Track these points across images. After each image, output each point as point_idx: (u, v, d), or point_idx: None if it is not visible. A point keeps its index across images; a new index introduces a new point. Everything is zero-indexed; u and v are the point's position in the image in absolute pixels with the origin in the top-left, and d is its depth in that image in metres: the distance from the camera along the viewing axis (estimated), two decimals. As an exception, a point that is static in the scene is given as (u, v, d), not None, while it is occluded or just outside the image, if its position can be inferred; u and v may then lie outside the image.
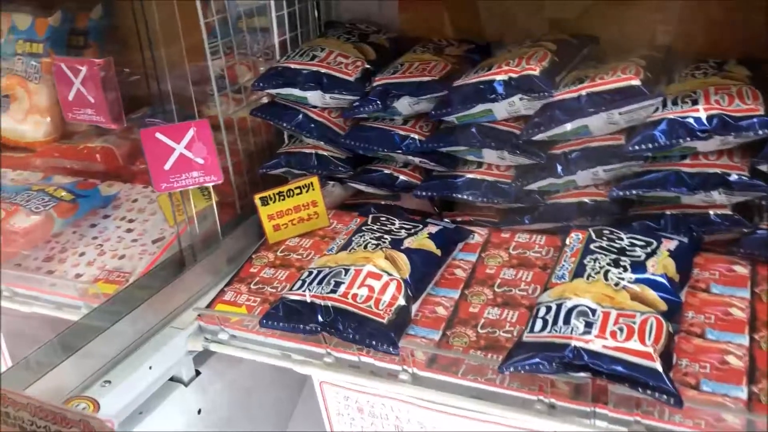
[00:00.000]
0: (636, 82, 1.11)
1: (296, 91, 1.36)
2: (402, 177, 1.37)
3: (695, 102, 1.09)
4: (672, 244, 1.06)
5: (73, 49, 1.72)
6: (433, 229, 1.21)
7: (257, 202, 1.32)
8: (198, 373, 1.25)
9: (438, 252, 1.17)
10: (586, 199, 1.22)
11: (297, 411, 1.55)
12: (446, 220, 1.31)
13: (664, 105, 1.11)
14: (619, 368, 0.87)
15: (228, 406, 1.33)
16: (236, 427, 1.35)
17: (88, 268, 1.38)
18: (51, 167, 1.69)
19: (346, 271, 1.10)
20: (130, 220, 1.51)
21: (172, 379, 1.20)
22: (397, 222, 1.24)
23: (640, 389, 0.86)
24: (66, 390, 1.06)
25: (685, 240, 1.09)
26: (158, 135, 1.09)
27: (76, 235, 1.48)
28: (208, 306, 1.23)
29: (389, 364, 1.06)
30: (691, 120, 1.07)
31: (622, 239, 1.08)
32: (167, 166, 1.13)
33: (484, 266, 1.20)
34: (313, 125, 1.38)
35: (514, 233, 1.26)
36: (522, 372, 0.93)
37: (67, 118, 1.24)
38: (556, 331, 0.93)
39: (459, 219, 1.34)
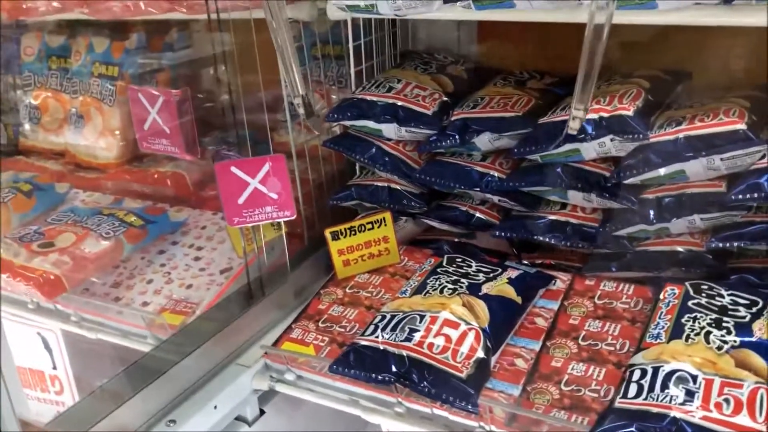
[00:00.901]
0: (741, 126, 1.03)
1: (371, 124, 1.32)
2: (478, 215, 1.31)
3: (808, 149, 1.00)
4: (780, 304, 0.97)
5: (147, 72, 1.72)
6: (513, 273, 1.15)
7: (328, 236, 1.29)
8: (262, 412, 1.21)
9: (518, 299, 1.11)
10: (679, 248, 1.13)
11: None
12: (525, 262, 1.24)
13: (772, 151, 1.02)
14: (727, 446, 0.79)
15: (290, 448, 1.29)
16: (298, 469, 1.31)
17: (155, 297, 1.37)
18: (121, 190, 1.69)
19: (422, 317, 1.04)
20: (198, 248, 1.49)
21: (236, 418, 1.17)
22: (473, 264, 1.18)
23: (750, 472, 0.78)
24: (131, 429, 1.03)
25: (794, 300, 0.99)
26: (233, 169, 1.07)
27: (144, 261, 1.47)
28: (275, 343, 1.19)
29: (465, 419, 1.00)
30: (803, 169, 0.99)
31: (722, 296, 1.00)
32: (241, 201, 1.10)
33: (567, 316, 1.13)
34: (386, 158, 1.34)
35: (600, 281, 1.18)
36: (614, 442, 0.86)
37: (142, 147, 1.23)
38: (652, 398, 0.86)
39: (539, 262, 1.27)
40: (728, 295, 1.00)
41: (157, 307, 1.34)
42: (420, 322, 1.03)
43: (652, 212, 1.12)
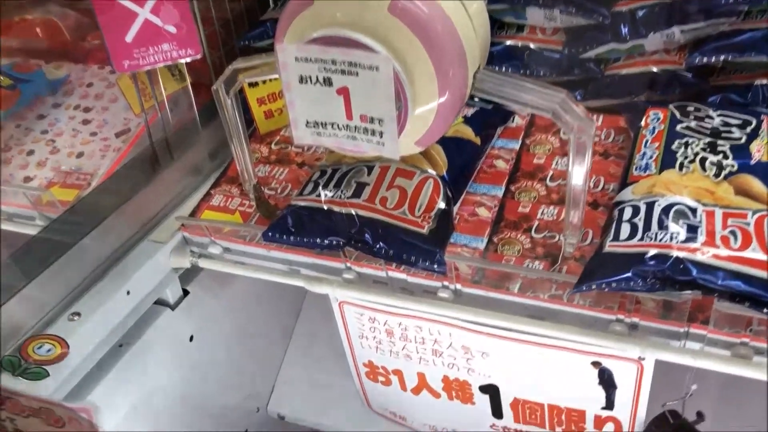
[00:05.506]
0: None
1: (284, -61, 1.08)
2: (421, 47, 1.12)
3: (810, -63, 0.85)
4: (775, 122, 0.86)
5: None
6: (469, 111, 0.99)
7: (243, 83, 1.07)
8: (186, 293, 1.05)
9: (477, 140, 0.95)
10: (654, 68, 0.99)
11: (300, 321, 1.37)
12: (476, 99, 1.08)
13: (767, -57, 0.87)
14: (739, 284, 0.68)
15: (222, 329, 1.14)
16: (233, 352, 1.18)
17: (40, 170, 1.14)
18: (-20, 46, 1.39)
19: (370, 168, 0.87)
20: (86, 109, 1.24)
21: (156, 302, 1.00)
22: (421, 103, 1.00)
23: (766, 310, 0.68)
24: (25, 328, 0.85)
25: (789, 116, 0.88)
26: (114, -4, 0.82)
27: (20, 129, 1.22)
28: (193, 213, 1.01)
29: (425, 279, 0.86)
30: (806, -39, 0.84)
31: (712, 118, 0.87)
32: (129, 38, 0.86)
33: (530, 155, 0.99)
34: (306, -17, 1.11)
35: (564, 113, 1.04)
36: (607, 290, 0.74)
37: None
38: (649, 238, 0.73)
39: (492, 97, 1.11)
40: (718, 116, 0.87)
41: (44, 181, 1.12)
42: (368, 174, 0.86)
43: (624, 27, 0.96)
